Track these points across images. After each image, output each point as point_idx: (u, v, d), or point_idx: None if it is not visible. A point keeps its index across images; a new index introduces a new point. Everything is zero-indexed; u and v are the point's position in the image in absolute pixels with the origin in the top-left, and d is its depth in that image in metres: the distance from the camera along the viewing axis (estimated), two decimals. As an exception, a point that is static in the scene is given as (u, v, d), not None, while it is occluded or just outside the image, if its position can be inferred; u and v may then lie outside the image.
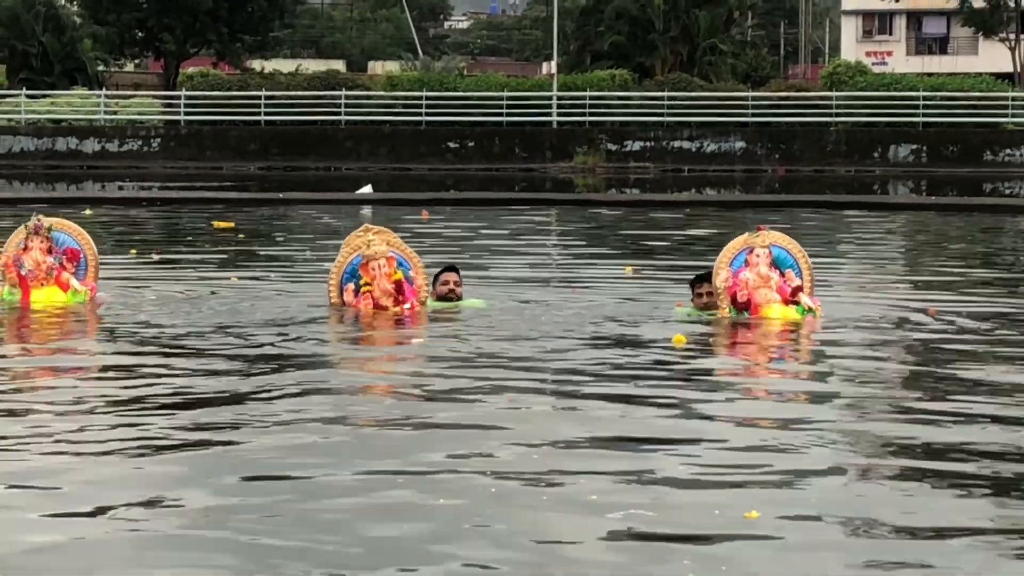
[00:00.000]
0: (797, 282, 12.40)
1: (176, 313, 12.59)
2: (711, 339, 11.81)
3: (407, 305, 12.54)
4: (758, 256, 12.39)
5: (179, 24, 68.74)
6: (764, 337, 11.78)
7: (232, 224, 23.78)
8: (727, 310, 12.33)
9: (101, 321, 12.37)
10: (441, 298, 12.95)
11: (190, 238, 22.67)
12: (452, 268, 13.31)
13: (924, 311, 12.73)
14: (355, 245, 12.76)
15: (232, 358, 10.19)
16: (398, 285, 12.56)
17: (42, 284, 12.93)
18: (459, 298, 13.02)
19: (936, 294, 14.42)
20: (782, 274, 12.42)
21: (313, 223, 26.05)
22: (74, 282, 12.98)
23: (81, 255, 13.19)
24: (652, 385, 9.24)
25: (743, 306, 12.30)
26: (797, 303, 12.33)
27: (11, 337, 11.67)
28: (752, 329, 12.00)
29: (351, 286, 12.67)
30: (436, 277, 13.10)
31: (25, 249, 12.98)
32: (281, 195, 32.88)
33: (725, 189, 42.03)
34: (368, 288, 12.55)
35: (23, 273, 12.91)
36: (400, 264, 12.73)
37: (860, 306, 13.35)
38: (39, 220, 13.10)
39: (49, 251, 12.99)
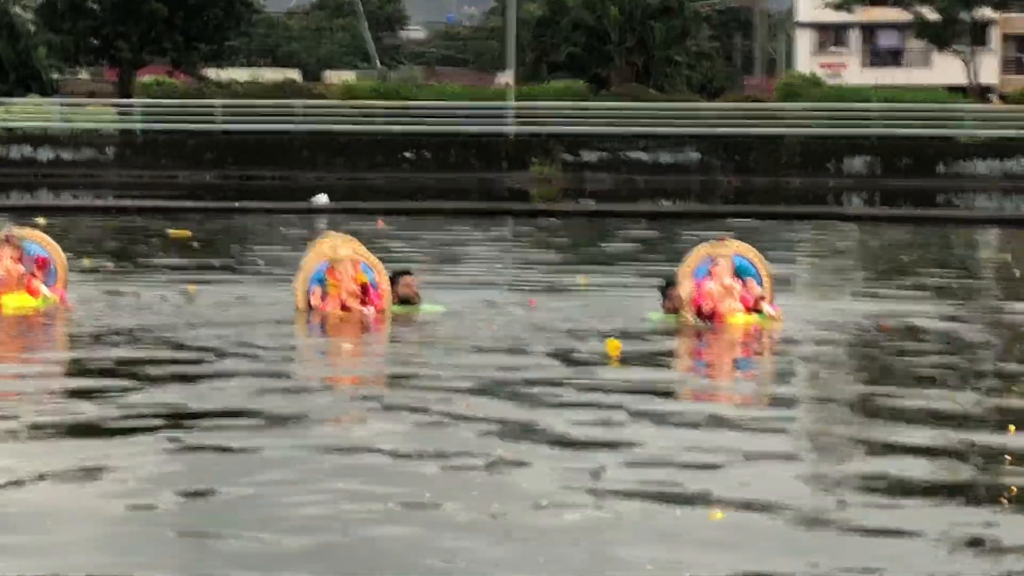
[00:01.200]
0: (759, 291, 12.68)
1: (136, 317, 12.79)
2: (674, 345, 12.07)
3: (370, 309, 12.85)
4: (720, 267, 12.66)
5: (135, 32, 68.46)
6: (725, 343, 12.02)
7: (188, 233, 23.75)
8: (692, 320, 12.60)
9: (69, 323, 12.66)
10: (404, 300, 13.26)
11: (144, 247, 22.61)
12: (408, 272, 13.68)
13: (877, 324, 12.83)
14: (321, 251, 13.10)
15: (193, 362, 10.25)
16: (363, 287, 12.90)
17: (13, 291, 13.49)
18: (419, 299, 13.33)
19: (888, 304, 14.53)
20: (743, 283, 12.67)
21: (268, 232, 26.02)
22: (44, 289, 13.55)
23: (50, 263, 13.80)
24: (611, 389, 9.34)
25: (708, 316, 12.58)
26: (759, 311, 12.60)
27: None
28: (714, 335, 12.25)
29: (318, 289, 12.99)
30: (393, 280, 13.33)
31: None
32: (237, 204, 32.80)
33: (680, 200, 42.16)
34: (335, 290, 12.86)
35: None
36: (364, 270, 13.05)
37: (816, 314, 13.51)
38: (10, 230, 13.78)
39: (20, 260, 13.59)
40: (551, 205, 36.52)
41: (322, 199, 33.62)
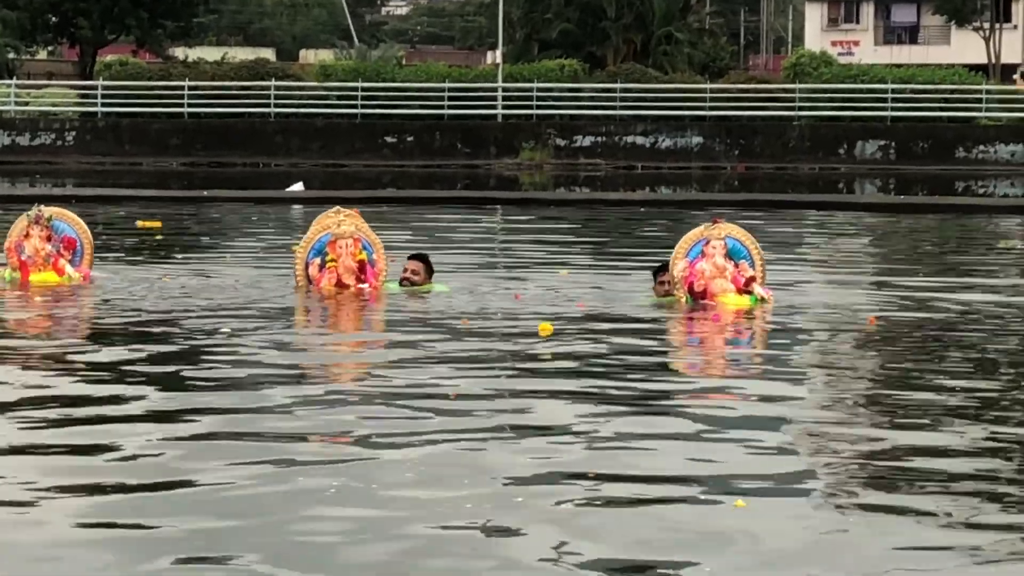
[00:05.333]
0: (750, 272, 13.59)
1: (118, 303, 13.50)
2: (670, 327, 12.91)
3: (365, 285, 13.95)
4: (714, 247, 13.60)
5: (96, 8, 68.50)
6: (720, 325, 12.70)
7: (159, 223, 23.91)
8: (684, 299, 13.52)
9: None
10: (400, 283, 14.26)
11: (106, 237, 22.74)
12: (417, 256, 14.64)
13: (866, 319, 13.04)
14: (325, 224, 14.25)
15: (192, 347, 10.53)
16: (361, 265, 14.02)
17: (40, 269, 14.79)
18: (422, 283, 14.31)
19: (890, 295, 14.73)
20: (736, 264, 13.61)
21: (239, 222, 26.16)
22: (69, 268, 14.80)
23: (78, 243, 15.07)
24: (612, 375, 9.75)
25: (700, 295, 13.49)
26: (751, 293, 13.51)
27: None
28: (708, 317, 12.94)
29: (316, 261, 14.12)
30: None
31: (26, 236, 14.90)
32: (205, 192, 32.94)
33: (681, 187, 42.31)
34: (333, 264, 14.00)
35: (23, 258, 14.87)
36: (364, 248, 14.15)
37: (816, 301, 14.14)
38: (40, 210, 14.97)
39: (48, 239, 14.89)
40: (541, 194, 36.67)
41: (298, 187, 33.77)
